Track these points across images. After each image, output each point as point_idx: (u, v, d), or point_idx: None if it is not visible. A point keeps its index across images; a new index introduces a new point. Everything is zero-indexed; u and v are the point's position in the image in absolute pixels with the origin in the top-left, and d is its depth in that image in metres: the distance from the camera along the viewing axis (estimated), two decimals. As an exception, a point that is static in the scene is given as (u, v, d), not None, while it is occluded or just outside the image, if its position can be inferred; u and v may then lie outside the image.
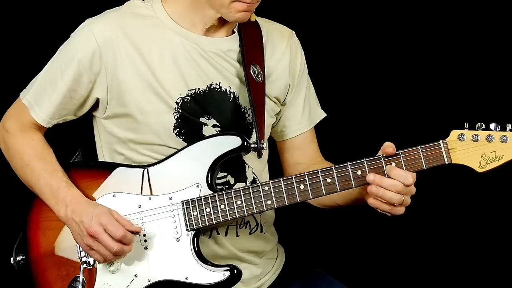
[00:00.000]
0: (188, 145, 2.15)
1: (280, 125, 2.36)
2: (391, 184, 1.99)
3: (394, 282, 3.01)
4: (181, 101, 2.16)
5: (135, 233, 2.09)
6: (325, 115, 2.42)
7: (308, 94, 2.38)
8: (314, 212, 2.40)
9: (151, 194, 2.13)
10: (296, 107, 2.35)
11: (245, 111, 2.23)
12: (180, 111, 2.16)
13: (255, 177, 2.25)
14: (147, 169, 2.15)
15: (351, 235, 3.02)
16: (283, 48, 2.31)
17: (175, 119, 2.16)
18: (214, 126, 2.19)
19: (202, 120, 2.18)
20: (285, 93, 2.32)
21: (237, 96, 2.22)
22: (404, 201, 2.02)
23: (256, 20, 2.30)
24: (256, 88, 2.21)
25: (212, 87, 2.19)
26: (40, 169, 2.17)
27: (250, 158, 2.24)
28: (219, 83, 2.20)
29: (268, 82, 2.26)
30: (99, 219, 2.06)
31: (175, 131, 2.16)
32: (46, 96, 2.19)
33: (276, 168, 2.39)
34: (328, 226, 2.95)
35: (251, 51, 2.24)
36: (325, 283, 2.35)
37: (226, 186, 2.18)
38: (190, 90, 2.17)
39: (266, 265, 2.33)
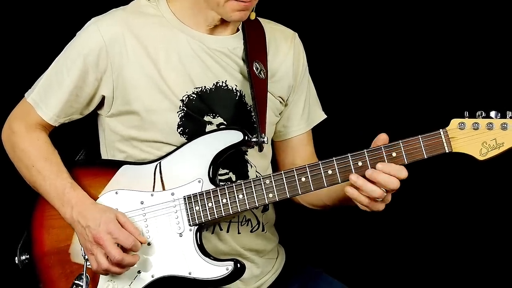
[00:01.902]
0: (189, 140, 2.15)
1: (280, 125, 2.37)
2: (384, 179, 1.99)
3: (394, 282, 3.00)
4: (187, 99, 2.16)
5: (141, 243, 2.09)
6: (325, 117, 2.42)
7: (309, 95, 2.39)
8: (314, 212, 2.40)
9: (164, 189, 2.13)
10: (296, 108, 2.36)
11: (251, 109, 2.24)
12: (185, 109, 2.16)
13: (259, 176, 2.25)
14: (159, 164, 2.15)
15: (351, 235, 3.01)
16: (286, 49, 2.33)
17: (179, 118, 2.16)
18: (220, 124, 2.19)
19: (207, 118, 2.19)
20: (288, 94, 2.34)
21: (243, 95, 2.23)
22: (386, 198, 2.02)
23: (258, 20, 2.32)
24: (258, 83, 2.22)
25: (218, 85, 2.20)
26: (46, 170, 2.17)
27: (254, 157, 2.25)
28: (226, 81, 2.21)
29: (272, 81, 2.27)
30: (106, 226, 2.06)
31: (179, 130, 2.17)
32: (52, 94, 2.20)
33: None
34: (328, 226, 2.95)
35: (255, 48, 2.26)
36: (325, 282, 2.35)
37: (229, 183, 2.18)
38: (196, 88, 2.18)
39: (266, 265, 2.33)
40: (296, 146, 2.38)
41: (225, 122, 2.20)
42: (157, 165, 2.15)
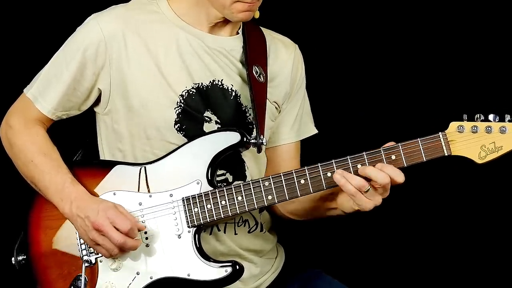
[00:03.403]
0: (188, 141, 2.15)
1: (270, 131, 2.36)
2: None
3: (393, 282, 3.01)
4: (186, 93, 2.17)
5: (139, 230, 2.10)
6: (316, 131, 2.42)
7: (302, 108, 2.39)
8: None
9: (149, 191, 2.13)
10: (288, 116, 2.36)
11: (246, 110, 2.24)
12: (183, 105, 2.16)
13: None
14: (145, 167, 2.15)
15: (351, 235, 3.02)
16: (286, 57, 2.34)
17: (176, 114, 2.16)
18: (216, 122, 2.20)
19: (206, 114, 2.19)
20: (283, 101, 2.34)
21: (238, 95, 2.23)
22: (375, 198, 2.01)
23: (260, 28, 2.33)
24: (257, 86, 2.23)
25: (214, 83, 2.20)
26: (45, 166, 2.17)
27: (249, 159, 2.25)
28: (222, 80, 2.21)
29: (269, 86, 2.28)
30: (105, 213, 2.06)
31: (176, 127, 2.17)
32: (51, 87, 2.20)
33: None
34: (328, 226, 2.94)
35: (255, 52, 2.26)
36: (325, 282, 2.36)
37: (225, 184, 2.18)
38: (195, 83, 2.18)
39: (265, 265, 2.34)
40: (283, 156, 2.36)
41: (219, 120, 2.20)
42: (141, 168, 2.15)
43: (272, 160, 2.37)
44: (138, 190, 2.14)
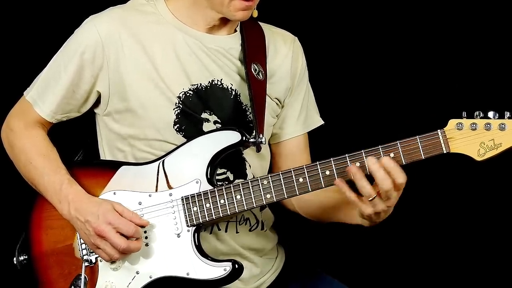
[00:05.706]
0: (187, 141, 2.16)
1: (276, 127, 2.36)
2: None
3: (393, 282, 3.00)
4: (184, 95, 2.17)
5: (142, 226, 2.10)
6: (322, 122, 2.42)
7: (307, 99, 2.39)
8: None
9: (170, 188, 2.12)
10: (292, 110, 2.36)
11: (246, 108, 2.24)
12: (181, 106, 2.17)
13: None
14: (162, 163, 2.14)
15: (351, 235, 3.00)
16: (285, 51, 2.33)
17: (175, 115, 2.17)
18: (215, 122, 2.20)
19: (204, 115, 2.19)
20: (285, 96, 2.34)
21: (238, 94, 2.23)
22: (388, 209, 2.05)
23: (259, 23, 2.33)
24: (256, 84, 2.23)
25: (214, 83, 2.21)
26: (44, 167, 2.18)
27: (251, 157, 2.25)
28: (221, 79, 2.21)
29: (269, 83, 2.28)
30: (105, 218, 2.07)
31: (175, 127, 2.17)
32: (49, 90, 2.21)
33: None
34: (328, 226, 2.94)
35: (253, 50, 2.26)
36: (325, 283, 2.36)
37: (226, 183, 2.19)
38: (193, 85, 2.18)
39: (266, 265, 2.33)
40: (292, 150, 2.37)
41: (219, 120, 2.20)
42: (159, 164, 2.15)
43: (281, 155, 2.37)
44: (156, 189, 2.13)
